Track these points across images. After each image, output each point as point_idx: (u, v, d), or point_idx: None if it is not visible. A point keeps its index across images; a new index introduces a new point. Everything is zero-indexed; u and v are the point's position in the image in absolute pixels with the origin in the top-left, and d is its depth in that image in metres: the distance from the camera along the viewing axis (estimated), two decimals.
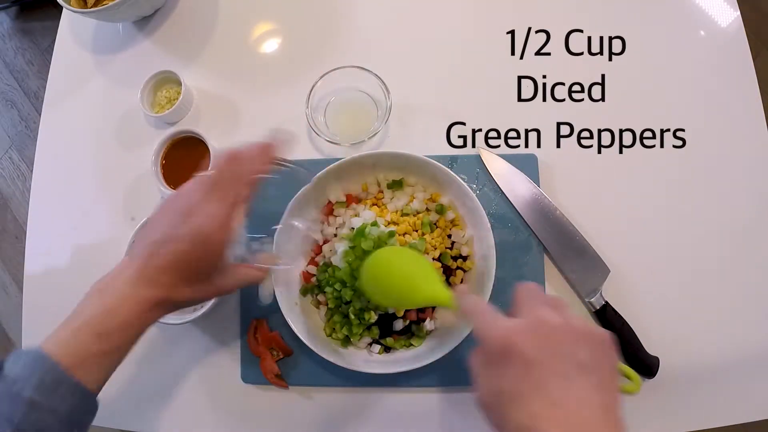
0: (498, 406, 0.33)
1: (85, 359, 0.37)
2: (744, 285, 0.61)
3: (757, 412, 0.57)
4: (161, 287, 0.40)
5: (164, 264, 0.40)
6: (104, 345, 0.38)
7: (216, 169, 0.42)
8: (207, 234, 0.40)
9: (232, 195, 0.41)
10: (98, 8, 0.66)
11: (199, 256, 0.40)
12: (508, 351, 0.33)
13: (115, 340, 0.39)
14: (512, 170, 0.62)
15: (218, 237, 0.40)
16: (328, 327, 0.59)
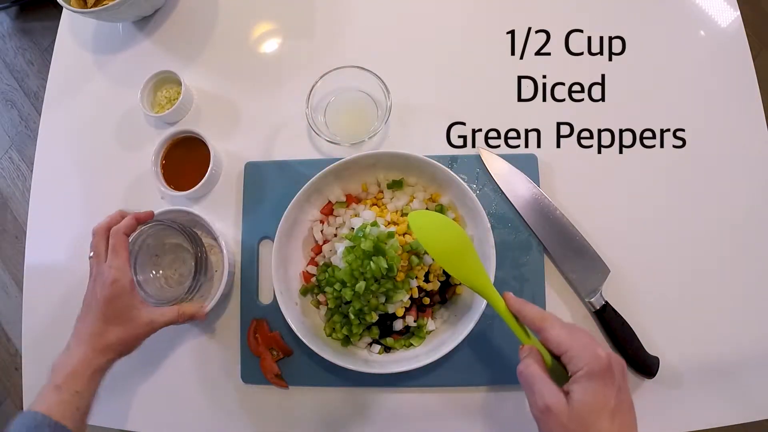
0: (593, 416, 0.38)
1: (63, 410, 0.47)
2: (744, 285, 0.61)
3: (757, 412, 0.57)
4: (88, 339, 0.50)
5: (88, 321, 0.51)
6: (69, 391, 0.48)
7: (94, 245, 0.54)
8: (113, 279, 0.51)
9: (111, 246, 0.53)
10: (98, 8, 0.66)
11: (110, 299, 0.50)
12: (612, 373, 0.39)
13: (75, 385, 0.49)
14: (512, 170, 0.62)
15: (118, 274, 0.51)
16: (328, 327, 0.59)
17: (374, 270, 0.52)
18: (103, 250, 0.53)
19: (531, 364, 0.42)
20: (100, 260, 0.52)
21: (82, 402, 0.48)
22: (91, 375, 0.49)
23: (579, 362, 0.39)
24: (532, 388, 0.40)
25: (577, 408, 0.38)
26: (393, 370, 0.54)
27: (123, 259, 0.52)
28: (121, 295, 0.51)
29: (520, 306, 0.45)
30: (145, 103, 0.68)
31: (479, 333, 0.54)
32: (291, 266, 0.61)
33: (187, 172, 0.65)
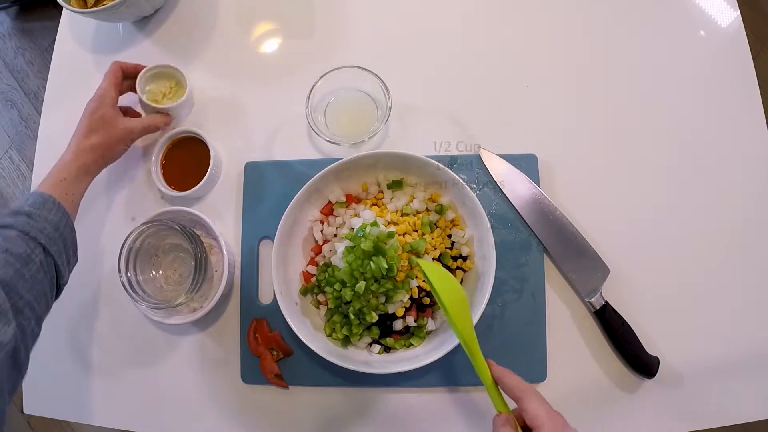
0: None
1: (56, 190, 0.55)
2: (744, 285, 0.61)
3: (757, 412, 0.57)
4: (76, 139, 0.60)
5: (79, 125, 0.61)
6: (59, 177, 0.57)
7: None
8: (100, 94, 0.62)
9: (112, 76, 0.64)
10: (98, 8, 0.66)
11: (95, 107, 0.61)
12: None
13: (63, 173, 0.57)
14: (512, 170, 0.62)
15: (104, 90, 0.62)
16: (328, 327, 0.59)
17: (374, 270, 0.52)
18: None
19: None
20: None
21: (71, 189, 0.57)
22: (77, 168, 0.58)
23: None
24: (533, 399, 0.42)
25: None
26: (393, 370, 0.54)
27: (109, 81, 0.63)
28: (102, 107, 0.61)
29: (502, 374, 0.46)
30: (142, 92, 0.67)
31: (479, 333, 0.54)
32: (291, 266, 0.61)
33: (187, 172, 0.65)
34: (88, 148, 0.59)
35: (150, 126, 0.65)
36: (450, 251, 0.59)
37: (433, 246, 0.58)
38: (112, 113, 0.61)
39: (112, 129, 0.61)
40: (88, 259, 0.67)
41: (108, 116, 0.61)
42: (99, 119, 0.60)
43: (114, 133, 0.61)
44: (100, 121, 0.60)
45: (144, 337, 0.65)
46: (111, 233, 0.68)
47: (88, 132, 0.60)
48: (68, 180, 0.57)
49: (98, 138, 0.60)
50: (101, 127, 0.60)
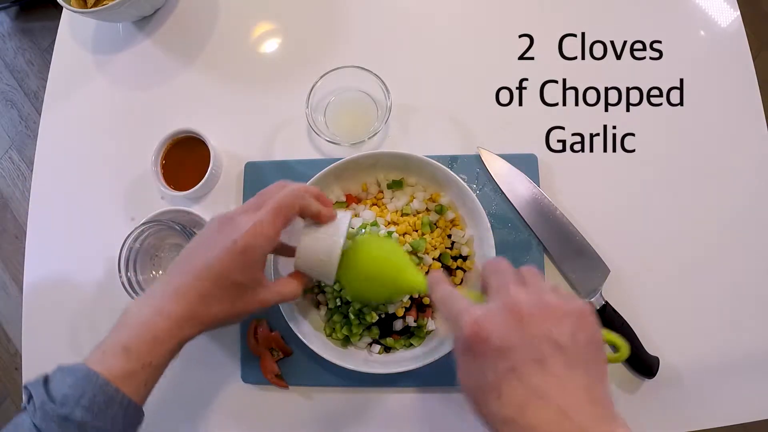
0: (480, 398, 0.32)
1: (128, 381, 0.37)
2: (744, 285, 0.61)
3: (757, 412, 0.57)
4: (189, 303, 0.39)
5: (193, 278, 0.39)
6: (140, 361, 0.38)
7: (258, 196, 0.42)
8: (244, 242, 0.38)
9: (275, 202, 0.40)
10: (98, 8, 0.66)
11: (234, 266, 0.39)
12: (480, 340, 0.32)
13: (150, 356, 0.38)
14: (512, 170, 0.62)
15: (255, 243, 0.39)
16: (328, 327, 0.59)
17: None
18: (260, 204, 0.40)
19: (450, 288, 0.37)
20: (246, 209, 0.41)
21: (151, 377, 0.39)
22: (172, 349, 0.39)
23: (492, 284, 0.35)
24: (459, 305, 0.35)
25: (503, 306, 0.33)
26: (393, 370, 0.54)
27: (275, 223, 0.39)
28: (249, 266, 0.39)
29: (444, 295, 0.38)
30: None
31: None
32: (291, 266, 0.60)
33: (187, 172, 0.65)
34: (202, 321, 0.39)
35: (289, 298, 0.46)
36: (450, 251, 0.59)
37: (433, 246, 0.58)
38: (257, 279, 0.41)
39: (247, 300, 0.41)
40: (88, 259, 0.67)
41: (250, 282, 0.40)
42: (231, 286, 0.39)
43: (245, 307, 0.41)
44: (233, 288, 0.40)
45: None
46: (111, 233, 0.68)
47: (211, 294, 0.39)
48: (153, 365, 0.39)
49: (223, 308, 0.40)
50: (233, 293, 0.40)
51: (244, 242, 0.38)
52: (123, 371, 0.37)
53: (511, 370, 0.30)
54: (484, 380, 0.31)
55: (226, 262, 0.38)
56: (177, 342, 0.40)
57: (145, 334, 0.38)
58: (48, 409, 0.34)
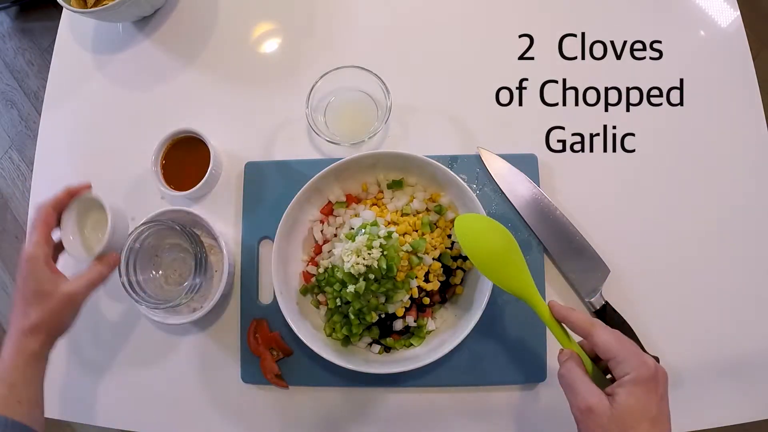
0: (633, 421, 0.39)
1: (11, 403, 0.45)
2: (744, 285, 0.61)
3: (757, 412, 0.57)
4: (14, 320, 0.48)
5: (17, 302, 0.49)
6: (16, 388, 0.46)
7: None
8: (27, 257, 0.49)
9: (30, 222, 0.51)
10: (98, 8, 0.66)
11: (24, 276, 0.48)
12: (656, 381, 0.40)
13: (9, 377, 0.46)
14: (512, 170, 0.62)
15: (30, 250, 0.49)
16: (328, 327, 0.59)
17: (374, 270, 0.52)
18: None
19: (573, 367, 0.43)
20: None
21: (23, 394, 0.46)
22: (25, 363, 0.47)
23: (626, 367, 0.40)
24: (575, 389, 0.41)
25: (619, 411, 0.39)
26: (393, 370, 0.54)
27: (40, 233, 0.49)
28: (34, 270, 0.48)
29: (567, 312, 0.45)
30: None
31: (479, 333, 0.55)
32: (291, 266, 0.61)
33: (187, 172, 0.65)
34: (30, 331, 0.47)
35: (97, 280, 0.51)
36: (450, 251, 0.59)
37: (433, 246, 0.58)
38: (47, 278, 0.49)
39: (51, 300, 0.48)
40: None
41: (42, 285, 0.48)
42: (33, 293, 0.48)
43: (54, 305, 0.49)
44: (34, 295, 0.48)
45: (144, 337, 0.65)
46: None
47: (25, 309, 0.48)
48: (18, 384, 0.46)
49: (37, 315, 0.48)
50: (37, 300, 0.48)
51: (24, 257, 0.49)
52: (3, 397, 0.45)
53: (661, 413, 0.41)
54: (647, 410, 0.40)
55: (21, 279, 0.49)
56: (26, 357, 0.47)
57: (4, 365, 0.47)
58: None
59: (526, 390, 0.59)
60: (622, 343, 0.42)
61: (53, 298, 0.48)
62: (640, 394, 0.39)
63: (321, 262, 0.60)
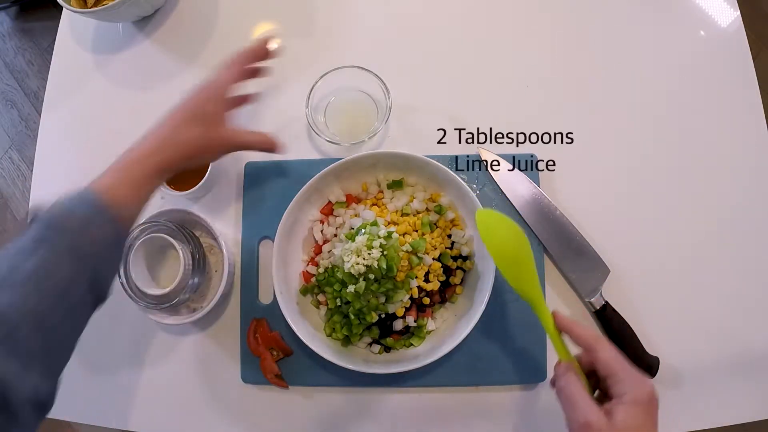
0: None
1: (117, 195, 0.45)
2: (744, 285, 0.61)
3: (757, 412, 0.57)
4: (165, 130, 0.50)
5: (171, 114, 0.51)
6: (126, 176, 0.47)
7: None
8: (207, 81, 0.52)
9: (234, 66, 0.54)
10: (98, 8, 0.66)
11: (200, 100, 0.51)
12: (653, 405, 0.40)
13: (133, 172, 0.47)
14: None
15: (219, 81, 0.52)
16: (328, 327, 0.59)
17: (374, 270, 0.52)
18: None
19: (573, 381, 0.43)
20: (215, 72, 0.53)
21: (134, 192, 0.46)
22: (156, 165, 0.47)
23: (625, 386, 0.40)
24: (574, 403, 0.41)
25: (617, 428, 0.39)
26: (393, 370, 0.54)
27: (230, 74, 0.53)
28: (211, 100, 0.51)
29: (571, 325, 0.45)
30: None
31: (479, 333, 0.55)
32: (291, 266, 0.61)
33: (187, 172, 0.64)
34: (179, 143, 0.49)
35: (254, 143, 0.55)
36: (450, 251, 0.59)
37: (433, 246, 0.58)
38: (220, 113, 0.52)
39: (213, 131, 0.51)
40: None
41: (212, 114, 0.51)
42: (203, 114, 0.50)
43: (212, 137, 0.51)
44: (203, 117, 0.50)
45: (144, 337, 0.65)
46: None
47: (185, 123, 0.50)
48: (139, 181, 0.46)
49: (195, 134, 0.50)
50: (202, 123, 0.50)
51: (209, 83, 0.52)
52: (111, 185, 0.45)
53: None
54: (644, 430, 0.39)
55: (197, 97, 0.51)
56: (156, 161, 0.48)
57: (132, 157, 0.47)
58: (51, 219, 0.41)
59: (526, 390, 0.59)
60: (623, 362, 0.42)
61: (215, 131, 0.51)
62: (638, 415, 0.39)
63: (321, 262, 0.60)
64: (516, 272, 0.48)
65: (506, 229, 0.49)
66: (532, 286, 0.48)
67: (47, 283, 0.38)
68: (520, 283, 0.48)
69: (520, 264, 0.49)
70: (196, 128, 0.50)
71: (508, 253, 0.48)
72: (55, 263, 0.39)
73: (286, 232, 0.59)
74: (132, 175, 0.46)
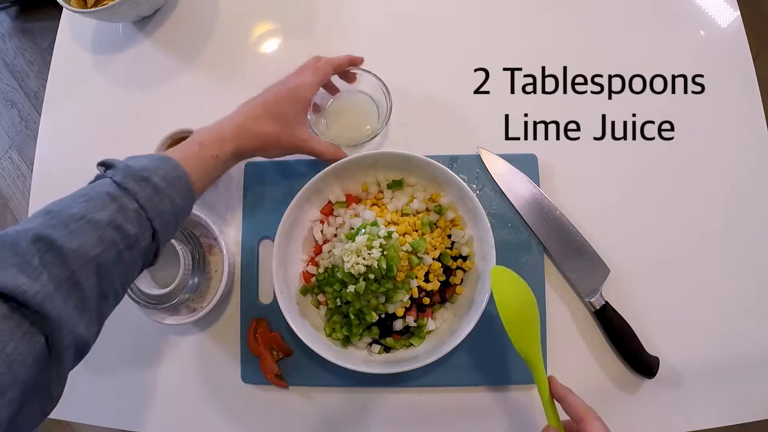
0: None
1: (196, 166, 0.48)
2: (744, 285, 0.61)
3: (757, 412, 0.57)
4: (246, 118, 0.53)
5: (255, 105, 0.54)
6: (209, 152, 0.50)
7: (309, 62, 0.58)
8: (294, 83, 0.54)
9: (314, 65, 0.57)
10: (98, 8, 0.66)
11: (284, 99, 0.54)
12: None
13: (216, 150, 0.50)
14: (512, 170, 0.62)
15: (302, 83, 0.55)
16: (328, 327, 0.59)
17: (374, 270, 0.52)
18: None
19: None
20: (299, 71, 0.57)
21: (213, 169, 0.50)
22: (233, 150, 0.51)
23: None
24: None
25: None
26: (393, 370, 0.54)
27: (318, 77, 0.56)
28: (295, 100, 0.54)
29: (565, 393, 0.46)
30: None
31: (479, 333, 0.54)
32: (291, 266, 0.61)
33: None
34: (255, 134, 0.52)
35: (322, 153, 0.58)
36: (450, 251, 0.59)
37: (433, 246, 0.58)
38: (300, 116, 0.55)
39: (287, 130, 0.54)
40: None
41: (292, 115, 0.54)
42: (284, 112, 0.53)
43: (285, 135, 0.54)
44: (283, 115, 0.53)
45: (144, 337, 0.65)
46: None
47: (264, 116, 0.53)
48: (218, 158, 0.50)
49: (271, 129, 0.53)
50: (280, 120, 0.53)
51: (294, 83, 0.55)
52: (194, 157, 0.48)
53: None
54: None
55: (279, 95, 0.54)
56: (236, 145, 0.51)
57: (215, 134, 0.51)
58: (129, 171, 0.43)
59: (526, 390, 0.59)
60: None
61: (289, 131, 0.54)
62: None
63: (321, 262, 0.60)
64: (521, 333, 0.49)
65: (518, 291, 0.50)
66: (534, 350, 0.49)
67: (115, 237, 0.39)
68: (523, 344, 0.49)
69: (527, 327, 0.49)
70: (274, 124, 0.53)
71: (516, 314, 0.49)
72: (126, 218, 0.40)
73: (286, 232, 0.59)
74: (209, 153, 0.49)
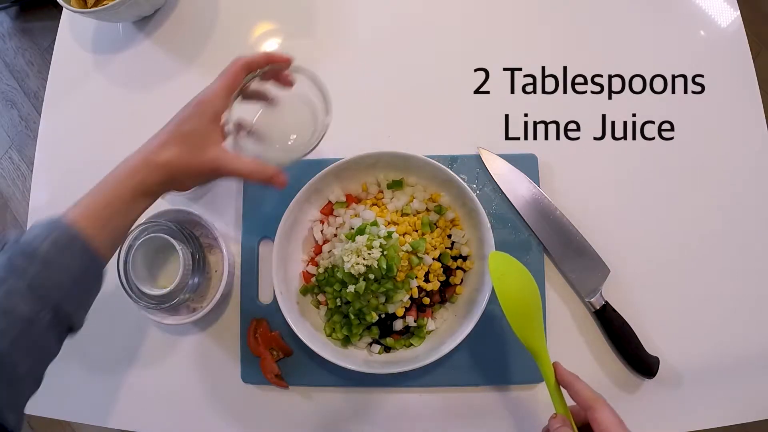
0: None
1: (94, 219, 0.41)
2: (744, 285, 0.61)
3: (757, 412, 0.57)
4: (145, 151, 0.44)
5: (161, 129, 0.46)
6: (102, 203, 0.42)
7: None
8: (198, 99, 0.46)
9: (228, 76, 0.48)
10: (98, 8, 0.66)
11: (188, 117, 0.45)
12: None
13: (110, 198, 0.42)
14: (512, 170, 0.62)
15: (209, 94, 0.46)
16: (328, 327, 0.59)
17: (374, 270, 0.52)
18: None
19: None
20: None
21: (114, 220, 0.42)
22: (132, 189, 0.42)
23: None
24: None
25: None
26: (393, 370, 0.54)
27: (222, 82, 0.46)
28: (200, 114, 0.44)
29: (572, 380, 0.45)
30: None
31: (479, 333, 0.54)
32: (291, 266, 0.61)
33: None
34: (156, 165, 0.43)
35: (242, 172, 0.46)
36: (450, 251, 0.59)
37: (433, 246, 0.58)
38: (208, 131, 0.45)
39: (195, 153, 0.44)
40: None
41: (200, 134, 0.44)
42: (187, 132, 0.44)
43: (194, 159, 0.44)
44: (187, 135, 0.44)
45: (144, 337, 0.65)
46: None
47: (167, 142, 0.44)
48: (114, 207, 0.42)
49: (174, 154, 0.43)
50: (186, 142, 0.44)
51: (198, 97, 0.46)
52: (85, 214, 0.41)
53: None
54: None
55: (184, 115, 0.45)
56: (136, 182, 0.43)
57: (109, 182, 0.43)
58: (17, 249, 0.38)
59: (526, 390, 0.59)
60: (623, 427, 0.41)
61: (200, 153, 0.44)
62: None
63: (321, 262, 0.60)
64: (522, 320, 0.47)
65: (519, 276, 0.48)
66: (536, 336, 0.47)
67: (5, 322, 0.35)
68: (525, 332, 0.47)
69: (528, 313, 0.48)
70: (175, 148, 0.43)
71: (516, 301, 0.47)
72: (15, 301, 0.36)
73: (286, 232, 0.59)
74: (106, 200, 0.42)
